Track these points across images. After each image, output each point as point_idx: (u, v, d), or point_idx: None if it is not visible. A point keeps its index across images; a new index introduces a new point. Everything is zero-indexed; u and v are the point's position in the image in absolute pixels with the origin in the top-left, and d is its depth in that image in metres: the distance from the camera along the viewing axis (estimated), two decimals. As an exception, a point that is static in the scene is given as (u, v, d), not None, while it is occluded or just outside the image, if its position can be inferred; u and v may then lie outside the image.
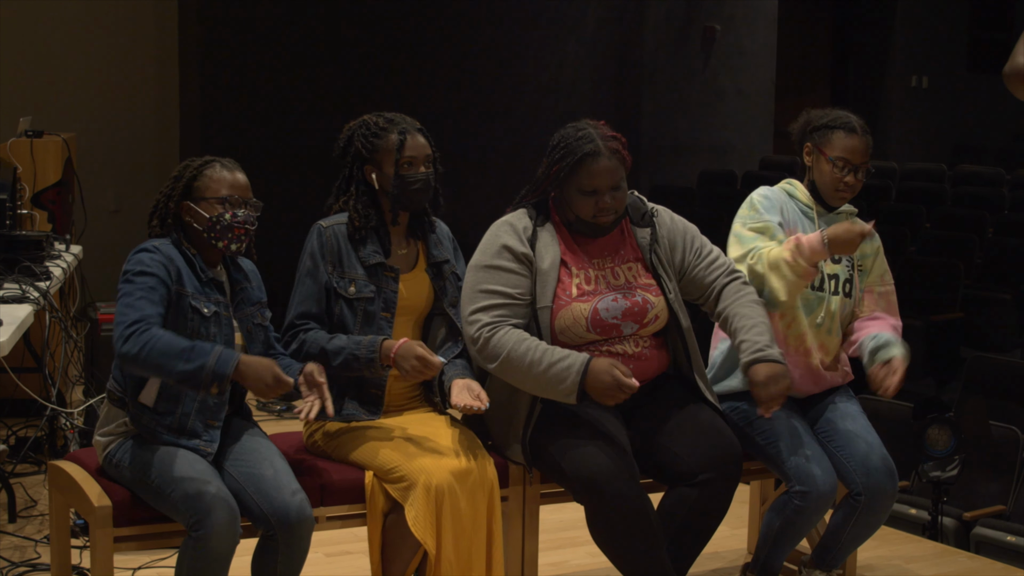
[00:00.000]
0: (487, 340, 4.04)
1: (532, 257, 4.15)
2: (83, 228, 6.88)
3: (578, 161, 4.12)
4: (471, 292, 4.13)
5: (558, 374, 3.98)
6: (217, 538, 3.63)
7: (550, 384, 4.00)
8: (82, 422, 5.70)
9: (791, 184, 4.57)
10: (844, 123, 4.45)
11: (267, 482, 3.80)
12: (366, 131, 4.20)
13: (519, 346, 4.01)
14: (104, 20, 10.34)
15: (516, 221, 4.22)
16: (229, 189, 3.90)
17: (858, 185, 4.46)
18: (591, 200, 4.14)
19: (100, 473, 3.93)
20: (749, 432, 4.37)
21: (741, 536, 5.23)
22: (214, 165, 3.94)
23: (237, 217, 3.88)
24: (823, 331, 4.48)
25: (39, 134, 6.67)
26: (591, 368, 3.97)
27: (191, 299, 3.82)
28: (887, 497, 4.33)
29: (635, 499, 3.97)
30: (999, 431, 6.26)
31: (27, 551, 4.94)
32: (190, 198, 3.90)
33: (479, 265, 4.16)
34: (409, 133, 4.17)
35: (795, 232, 4.43)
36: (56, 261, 5.84)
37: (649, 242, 4.30)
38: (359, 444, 4.09)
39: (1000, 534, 5.79)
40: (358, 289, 4.15)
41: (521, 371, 4.01)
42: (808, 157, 4.52)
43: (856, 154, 4.42)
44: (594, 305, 4.15)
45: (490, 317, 4.06)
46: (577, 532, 4.53)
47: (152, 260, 3.78)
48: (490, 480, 4.02)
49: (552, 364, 3.99)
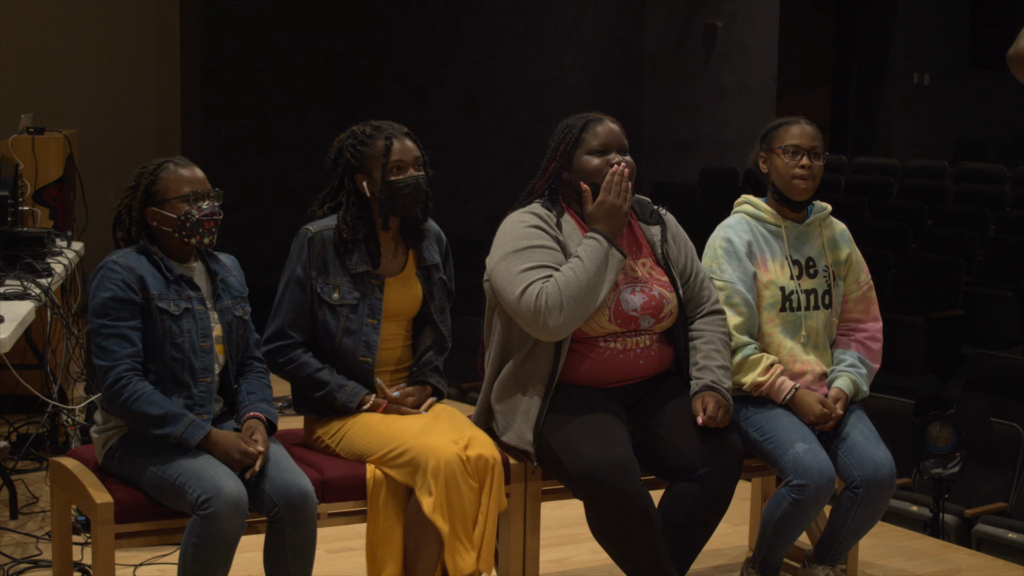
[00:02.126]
0: (545, 296, 4.02)
1: (563, 242, 4.15)
2: (84, 225, 6.87)
3: (582, 128, 4.21)
4: (513, 276, 4.09)
5: (593, 255, 4.06)
6: (226, 516, 3.64)
7: (600, 271, 4.05)
8: (83, 418, 5.70)
9: (752, 205, 4.59)
10: (785, 119, 4.57)
11: (268, 463, 3.84)
12: (353, 140, 4.21)
13: (560, 278, 4.04)
14: (106, 17, 10.35)
15: (536, 211, 4.22)
16: (189, 185, 3.94)
17: (816, 170, 4.49)
18: (602, 160, 4.17)
19: (101, 470, 3.94)
20: (745, 428, 4.38)
21: (742, 533, 5.23)
22: (167, 166, 3.97)
23: (204, 211, 3.92)
24: (810, 347, 4.51)
25: (41, 131, 6.66)
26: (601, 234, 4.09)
27: (157, 301, 3.86)
28: (886, 489, 4.34)
29: (635, 496, 3.97)
30: (1000, 428, 6.26)
31: (28, 548, 4.94)
32: (152, 203, 3.93)
33: (511, 251, 4.13)
34: (396, 138, 4.18)
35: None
36: (57, 258, 5.84)
37: (660, 240, 4.32)
38: (362, 432, 4.12)
39: (1001, 531, 5.79)
40: (341, 296, 4.17)
41: (576, 286, 4.01)
42: (764, 165, 4.57)
43: (804, 138, 4.48)
44: (617, 296, 4.16)
45: (540, 283, 4.05)
46: (578, 529, 4.52)
47: (112, 281, 3.84)
48: (490, 460, 4.02)
49: (583, 259, 4.06)
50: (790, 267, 4.50)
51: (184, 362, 3.88)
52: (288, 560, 3.83)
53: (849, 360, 4.54)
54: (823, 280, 4.54)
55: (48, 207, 6.56)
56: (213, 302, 4.01)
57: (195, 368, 3.90)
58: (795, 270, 4.50)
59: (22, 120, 6.75)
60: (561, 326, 4.04)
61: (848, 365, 4.52)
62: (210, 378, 3.95)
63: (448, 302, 4.40)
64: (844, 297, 4.61)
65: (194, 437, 3.77)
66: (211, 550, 3.67)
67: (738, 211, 4.61)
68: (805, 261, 4.53)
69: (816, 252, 4.55)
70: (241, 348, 4.08)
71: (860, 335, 4.60)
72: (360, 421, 4.15)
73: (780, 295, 4.47)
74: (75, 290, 6.56)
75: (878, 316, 4.65)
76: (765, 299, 4.46)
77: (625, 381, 4.24)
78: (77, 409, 5.79)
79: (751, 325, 4.42)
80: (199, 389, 3.92)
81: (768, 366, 4.39)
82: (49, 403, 5.56)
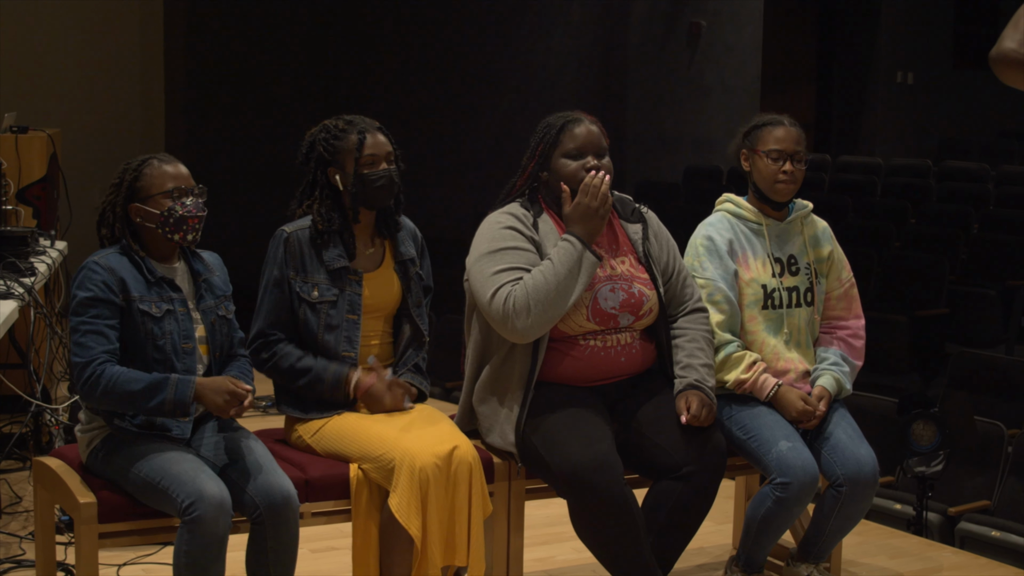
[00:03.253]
0: (513, 300, 4.02)
1: (539, 242, 4.15)
2: (68, 224, 6.86)
3: (560, 129, 4.21)
4: (486, 278, 4.10)
5: (565, 257, 4.05)
6: (212, 520, 3.64)
7: (571, 274, 4.04)
8: (67, 418, 5.69)
9: (733, 203, 4.60)
10: (770, 119, 4.56)
11: (249, 465, 3.84)
12: (326, 135, 4.23)
13: (528, 281, 4.03)
14: (89, 16, 10.32)
15: (514, 211, 4.23)
16: (173, 181, 3.93)
17: (798, 174, 4.51)
18: (578, 164, 4.17)
19: (85, 469, 3.93)
20: (729, 426, 4.39)
21: (726, 531, 5.23)
22: (151, 162, 3.96)
23: (187, 207, 3.91)
24: (793, 345, 4.52)
25: (24, 130, 6.65)
26: (576, 236, 4.08)
27: (138, 303, 3.85)
28: (869, 487, 4.35)
29: (618, 494, 3.97)
30: (984, 426, 6.27)
31: (12, 548, 4.93)
32: (136, 199, 3.93)
33: (487, 252, 4.14)
34: (368, 132, 4.21)
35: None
36: (41, 257, 5.83)
37: (641, 238, 4.33)
38: (342, 433, 4.13)
39: (985, 529, 5.80)
40: (321, 293, 4.19)
41: (547, 289, 4.01)
42: (746, 163, 4.58)
43: (788, 143, 4.49)
44: (594, 295, 4.16)
45: (511, 286, 4.06)
46: (563, 528, 4.53)
47: (92, 282, 3.83)
48: (471, 463, 4.02)
49: (554, 262, 4.04)
50: (772, 265, 4.51)
51: (166, 363, 3.87)
52: (270, 562, 3.83)
53: (832, 358, 4.55)
54: (805, 278, 4.55)
55: (31, 206, 6.55)
56: (196, 303, 4.00)
57: (177, 370, 3.89)
58: (777, 268, 4.51)
59: (5, 119, 6.74)
60: (529, 328, 4.05)
61: (831, 363, 4.53)
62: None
63: (425, 297, 4.41)
64: (827, 295, 4.62)
65: (187, 393, 3.76)
66: (202, 553, 3.66)
67: (719, 209, 4.61)
68: (787, 259, 4.54)
69: (798, 250, 4.57)
70: (225, 347, 4.08)
71: (843, 332, 4.61)
72: (340, 421, 4.16)
73: (762, 293, 4.48)
74: (58, 289, 6.55)
75: (860, 313, 4.66)
76: (747, 297, 4.47)
77: (607, 379, 4.24)
78: (60, 409, 5.78)
79: (733, 323, 4.43)
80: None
81: (751, 363, 4.39)
82: (32, 402, 5.55)
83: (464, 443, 4.06)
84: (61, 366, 6.43)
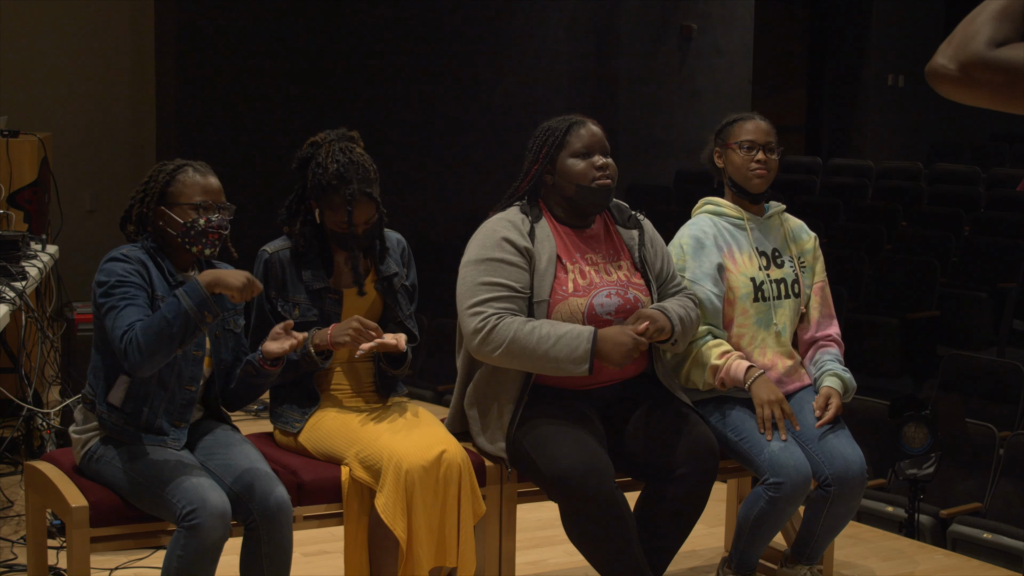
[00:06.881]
0: (493, 328, 4.03)
1: (533, 251, 4.15)
2: (59, 228, 6.85)
3: (566, 131, 4.23)
4: (470, 286, 4.12)
5: (569, 343, 4.01)
6: (211, 528, 3.63)
7: (560, 356, 4.01)
8: (58, 422, 5.69)
9: (713, 203, 4.65)
10: (740, 116, 4.67)
11: (243, 471, 3.83)
12: (319, 171, 4.11)
13: (524, 326, 4.03)
14: (80, 19, 10.31)
15: (512, 217, 4.23)
16: (203, 195, 3.90)
17: (772, 164, 4.57)
18: (587, 163, 4.18)
19: (77, 472, 3.93)
20: (720, 428, 4.40)
21: (718, 534, 5.24)
22: (187, 170, 3.93)
23: (211, 223, 3.88)
24: (787, 337, 4.54)
25: (15, 134, 6.64)
26: (604, 333, 4.03)
27: (161, 303, 3.81)
28: (857, 486, 4.36)
29: (609, 497, 3.97)
30: (975, 429, 6.28)
31: (3, 552, 4.93)
32: (164, 203, 3.89)
33: (477, 259, 4.15)
34: (356, 200, 4.09)
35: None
36: (32, 261, 5.81)
37: (637, 244, 4.34)
38: (331, 433, 4.13)
39: (976, 531, 5.81)
40: (301, 313, 4.18)
41: (529, 349, 4.01)
42: (719, 160, 4.66)
43: (759, 133, 4.58)
44: (590, 300, 4.17)
45: (493, 309, 4.07)
46: (555, 531, 4.53)
47: (124, 269, 3.79)
48: (460, 466, 4.02)
49: (560, 337, 4.01)
50: (757, 258, 4.53)
51: (173, 367, 3.86)
52: (264, 568, 3.82)
53: (829, 363, 4.55)
54: (790, 269, 4.59)
55: (22, 210, 6.54)
56: None
57: (183, 375, 3.88)
58: (763, 261, 4.55)
59: (-4, 123, 6.73)
60: (488, 358, 4.10)
61: (830, 365, 4.54)
62: (195, 387, 3.93)
63: (412, 304, 4.39)
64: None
65: (198, 291, 3.66)
66: (195, 561, 3.65)
67: (700, 212, 4.64)
68: (771, 252, 4.58)
69: (780, 243, 4.61)
70: (230, 361, 4.05)
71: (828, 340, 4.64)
72: (330, 420, 4.15)
73: (752, 285, 4.50)
74: (50, 293, 6.54)
75: (834, 314, 4.70)
76: (738, 291, 4.48)
77: (600, 383, 4.25)
78: (52, 413, 5.77)
79: (713, 321, 4.44)
80: (181, 396, 3.90)
81: (723, 352, 4.40)
82: (24, 407, 5.54)
83: (453, 446, 4.06)
84: (52, 370, 6.43)
